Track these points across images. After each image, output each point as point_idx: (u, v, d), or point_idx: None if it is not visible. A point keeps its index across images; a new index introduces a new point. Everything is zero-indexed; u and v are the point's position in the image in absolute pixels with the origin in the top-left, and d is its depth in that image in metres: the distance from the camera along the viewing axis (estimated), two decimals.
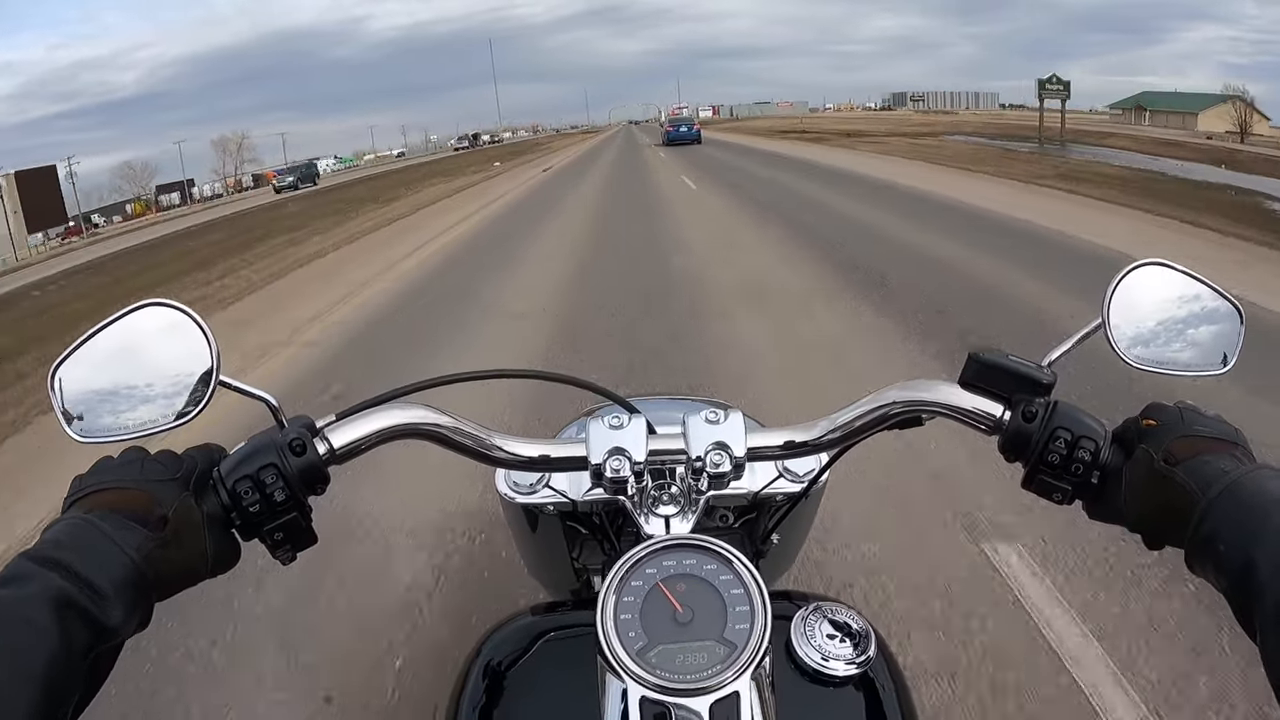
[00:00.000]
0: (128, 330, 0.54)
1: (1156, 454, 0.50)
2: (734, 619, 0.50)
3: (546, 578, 0.99)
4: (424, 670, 1.84)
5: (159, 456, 0.51)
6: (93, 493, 0.48)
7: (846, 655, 0.59)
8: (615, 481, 0.59)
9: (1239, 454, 0.49)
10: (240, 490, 0.51)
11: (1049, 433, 0.53)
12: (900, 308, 4.82)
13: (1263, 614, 0.41)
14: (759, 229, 8.62)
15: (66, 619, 0.40)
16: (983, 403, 0.57)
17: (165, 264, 12.51)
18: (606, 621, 0.49)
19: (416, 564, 2.28)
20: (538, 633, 0.66)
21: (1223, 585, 0.45)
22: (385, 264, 8.11)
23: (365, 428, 0.57)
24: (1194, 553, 0.47)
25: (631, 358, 4.13)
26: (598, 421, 0.60)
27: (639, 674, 0.47)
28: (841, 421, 0.61)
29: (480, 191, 17.66)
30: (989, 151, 20.11)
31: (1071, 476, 0.53)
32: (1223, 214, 8.22)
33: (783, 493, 0.76)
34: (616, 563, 0.52)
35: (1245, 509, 0.45)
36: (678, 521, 0.60)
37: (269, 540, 0.52)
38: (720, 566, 0.52)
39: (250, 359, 4.77)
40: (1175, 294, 0.60)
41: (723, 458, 0.59)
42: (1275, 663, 0.40)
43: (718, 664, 0.47)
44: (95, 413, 0.53)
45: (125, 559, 0.45)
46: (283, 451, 0.52)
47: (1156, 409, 0.53)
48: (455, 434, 0.60)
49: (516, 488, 0.79)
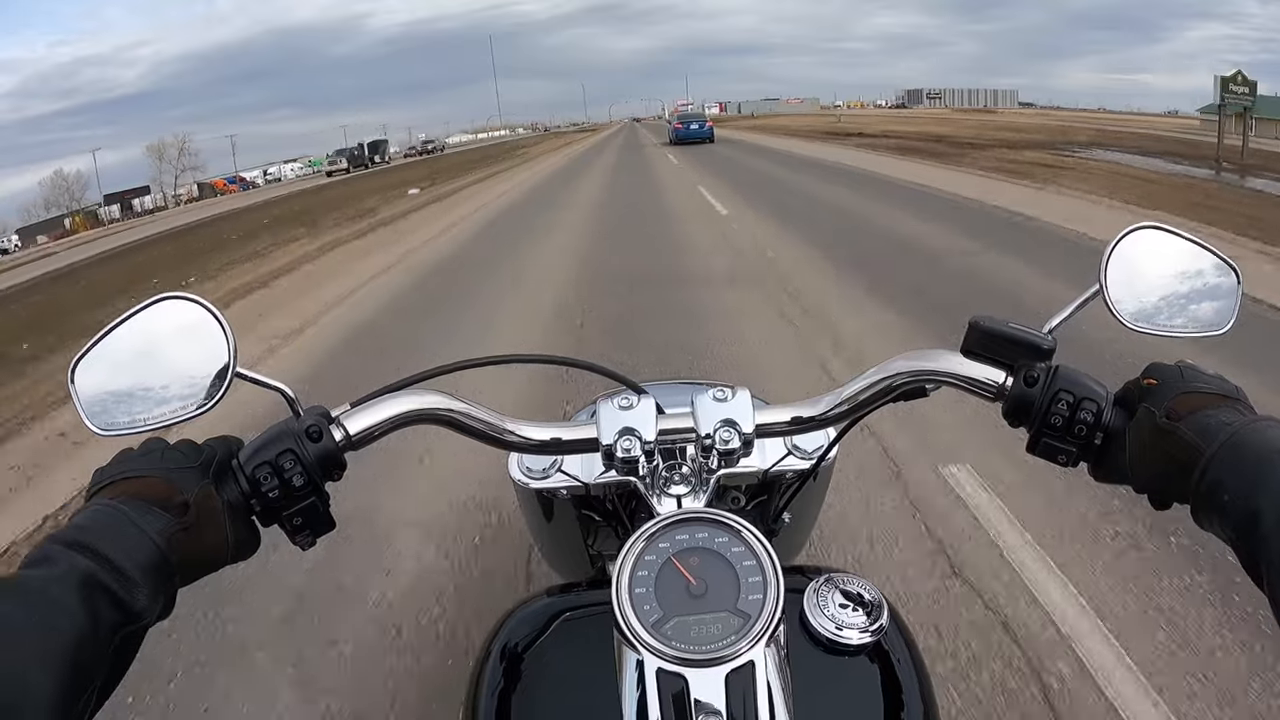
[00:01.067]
0: (145, 325, 0.55)
1: (1159, 411, 0.50)
2: (747, 590, 0.50)
3: (561, 564, 1.00)
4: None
5: (179, 446, 0.52)
6: (115, 481, 0.49)
7: (860, 624, 0.60)
8: (626, 462, 0.60)
9: (1240, 408, 0.50)
10: (259, 476, 0.52)
11: (1051, 396, 0.54)
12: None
13: (1269, 562, 0.42)
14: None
15: (93, 600, 0.41)
16: (985, 370, 0.57)
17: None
18: (622, 596, 0.50)
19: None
20: (555, 612, 0.67)
21: (1228, 536, 0.46)
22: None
23: (380, 414, 0.58)
24: (1200, 506, 0.48)
25: None
26: (607, 403, 0.61)
27: (655, 646, 0.48)
28: (847, 395, 0.62)
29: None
30: (1209, 186, 10.83)
31: (1075, 439, 0.54)
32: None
33: (792, 470, 0.77)
34: (630, 538, 0.53)
35: (1249, 459, 0.45)
36: (689, 500, 0.61)
37: (288, 526, 0.53)
38: (732, 539, 0.53)
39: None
40: (1172, 257, 0.60)
41: (731, 434, 0.60)
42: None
43: (732, 634, 0.48)
44: (115, 406, 0.54)
45: (150, 543, 0.46)
46: (300, 438, 0.53)
47: (1157, 369, 0.54)
48: (468, 419, 0.61)
49: (530, 473, 0.80)
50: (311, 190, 29.13)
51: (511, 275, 6.52)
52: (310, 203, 19.58)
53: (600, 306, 5.20)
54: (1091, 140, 21.89)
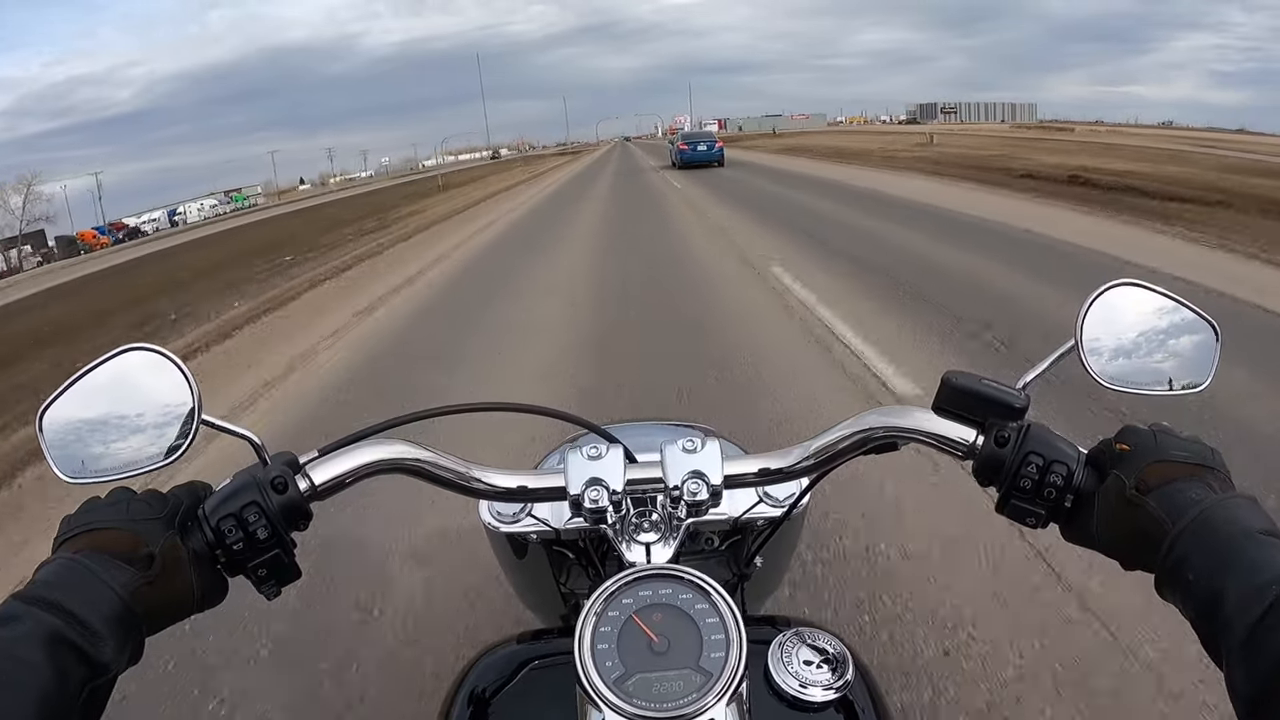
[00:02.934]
0: (113, 374, 0.55)
1: (1129, 481, 0.50)
2: (709, 647, 0.50)
3: (535, 604, 1.00)
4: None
5: (145, 496, 0.53)
6: (81, 533, 0.50)
7: (824, 681, 0.59)
8: (594, 511, 0.59)
9: (1212, 480, 0.49)
10: (224, 529, 0.52)
11: (1021, 457, 0.53)
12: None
13: (1228, 646, 0.41)
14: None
15: (59, 656, 0.42)
16: (956, 428, 0.57)
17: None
18: (584, 652, 0.50)
19: None
20: (522, 660, 0.67)
21: (1190, 614, 0.45)
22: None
23: (346, 464, 0.58)
24: (1164, 580, 0.47)
25: None
26: (576, 452, 0.61)
27: (616, 703, 0.48)
28: (816, 447, 0.62)
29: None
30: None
31: (1044, 501, 0.53)
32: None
33: (764, 517, 0.76)
34: (592, 595, 0.53)
35: (1215, 539, 0.45)
36: (659, 548, 0.61)
37: (253, 576, 0.54)
38: (695, 595, 0.52)
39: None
40: (1149, 313, 0.60)
41: (700, 486, 0.59)
42: (1242, 693, 0.40)
43: (693, 692, 0.48)
44: (83, 454, 0.55)
45: (114, 597, 0.46)
46: (265, 489, 0.53)
47: (1130, 432, 0.53)
48: (435, 468, 0.61)
49: (500, 516, 0.80)
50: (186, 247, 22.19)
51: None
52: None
53: None
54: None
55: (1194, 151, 22.17)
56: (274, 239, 16.82)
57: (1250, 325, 4.33)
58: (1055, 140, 31.88)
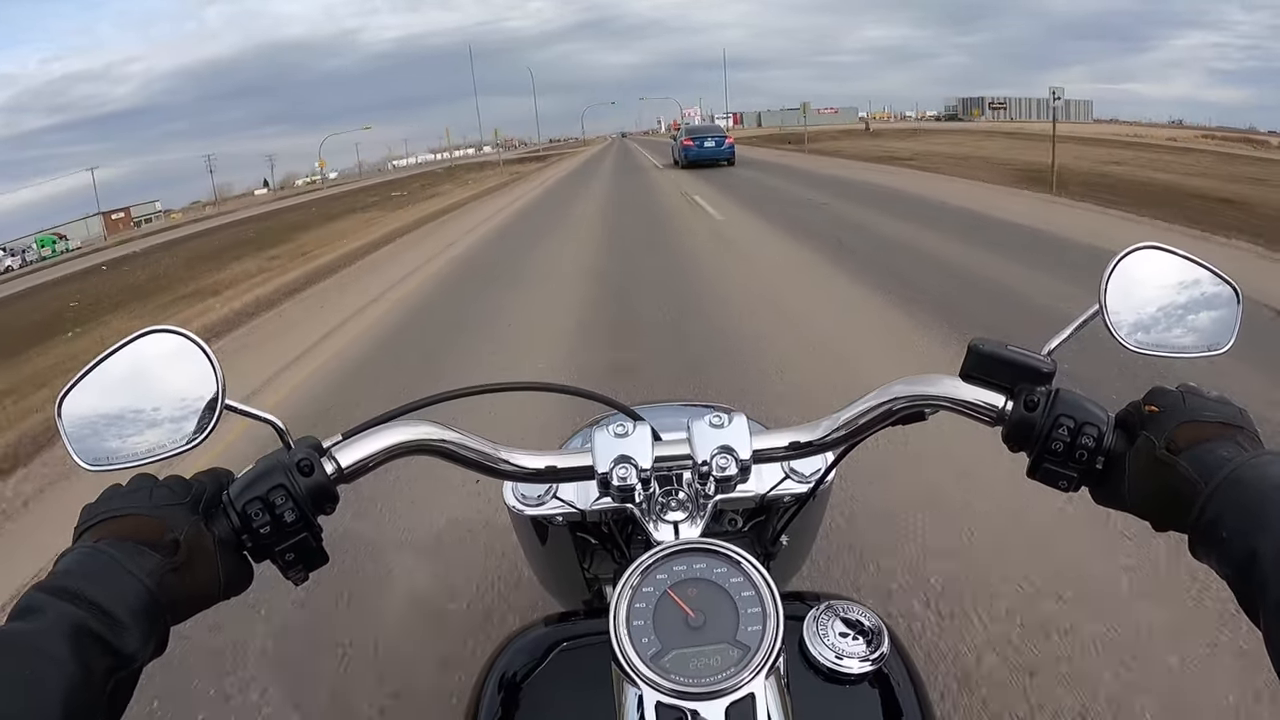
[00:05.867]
0: (133, 358, 0.54)
1: (1159, 441, 0.50)
2: (746, 621, 0.50)
3: (558, 589, 0.99)
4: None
5: (168, 482, 0.52)
6: (103, 520, 0.48)
7: (860, 653, 0.59)
8: (622, 490, 0.59)
9: (1242, 438, 0.49)
10: (250, 512, 0.51)
11: (1052, 421, 0.53)
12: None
13: (1266, 604, 0.41)
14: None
15: (83, 648, 0.41)
16: (984, 394, 0.57)
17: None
18: (619, 629, 0.49)
19: None
20: (552, 643, 0.66)
21: (1226, 574, 0.45)
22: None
23: (372, 446, 0.57)
24: (1198, 540, 0.47)
25: None
26: (603, 430, 0.60)
27: (654, 679, 0.47)
28: (844, 419, 0.61)
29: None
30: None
31: (1076, 464, 0.53)
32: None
33: (790, 493, 0.76)
34: (627, 570, 0.52)
35: (1248, 497, 0.44)
36: (686, 527, 0.60)
37: (280, 561, 0.53)
38: (730, 569, 0.52)
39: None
40: (1172, 277, 0.60)
41: (728, 461, 0.59)
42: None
43: (732, 666, 0.48)
44: (103, 441, 0.53)
45: (139, 585, 0.45)
46: (291, 472, 0.52)
47: (1159, 393, 0.53)
48: (461, 448, 0.60)
49: (524, 499, 0.79)
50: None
51: None
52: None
53: None
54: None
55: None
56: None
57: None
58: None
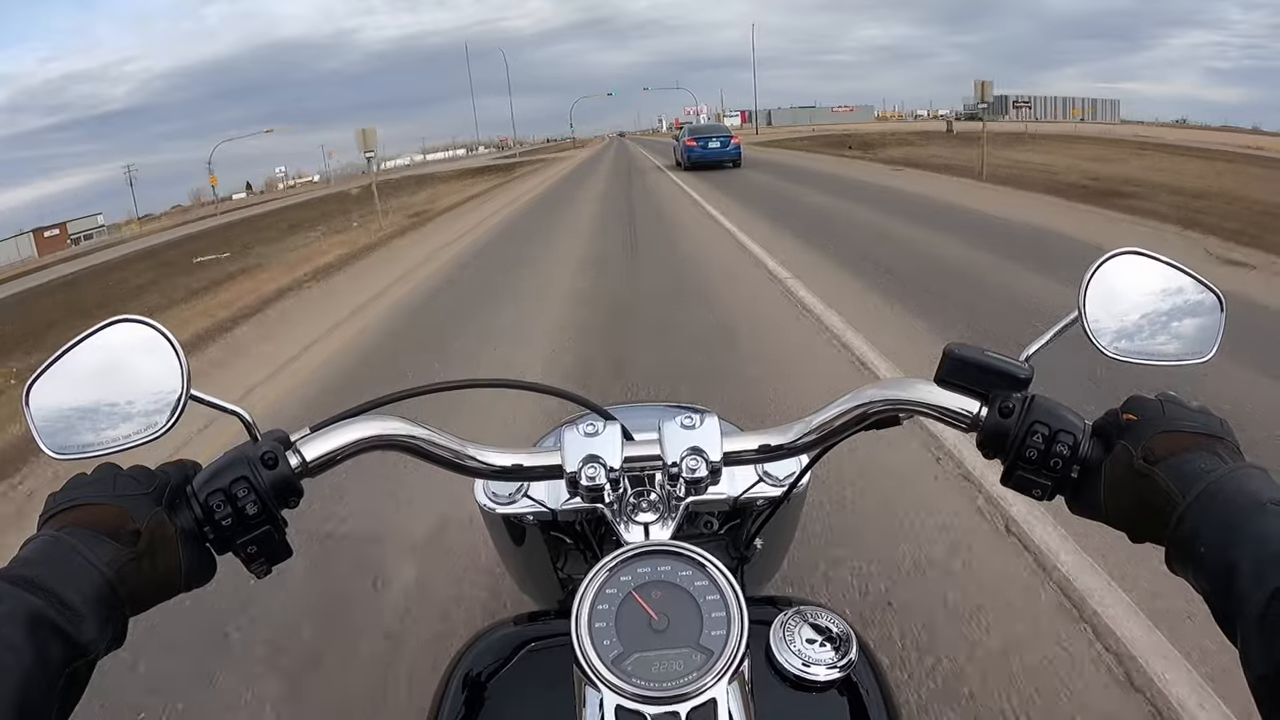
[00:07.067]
0: (100, 347, 0.54)
1: (1136, 451, 0.49)
2: (710, 625, 0.49)
3: (532, 588, 0.99)
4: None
5: (132, 472, 0.51)
6: (66, 509, 0.48)
7: (827, 660, 0.58)
8: (591, 490, 0.58)
9: (1222, 450, 0.48)
10: (213, 504, 0.51)
11: (1026, 427, 0.52)
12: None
13: (1243, 619, 0.40)
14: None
15: (39, 636, 0.40)
16: (959, 400, 0.56)
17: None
18: (581, 631, 0.49)
19: None
20: (519, 642, 0.66)
21: (1203, 588, 0.44)
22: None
23: (338, 440, 0.57)
24: (1174, 553, 0.46)
25: None
26: (573, 429, 0.60)
27: (614, 682, 0.47)
28: (817, 423, 0.60)
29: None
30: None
31: (1051, 472, 0.52)
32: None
33: (764, 497, 0.75)
34: (590, 571, 0.52)
35: (1226, 511, 0.43)
36: (657, 528, 0.60)
37: (243, 553, 0.52)
38: (695, 572, 0.51)
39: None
40: (1153, 283, 0.58)
41: (698, 463, 0.58)
42: (1255, 667, 0.39)
43: (694, 671, 0.47)
44: (69, 429, 0.53)
45: (97, 574, 0.45)
46: (255, 465, 0.52)
47: (1137, 402, 0.52)
48: (429, 445, 0.60)
49: (495, 498, 0.79)
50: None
51: None
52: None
53: None
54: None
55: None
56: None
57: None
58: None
